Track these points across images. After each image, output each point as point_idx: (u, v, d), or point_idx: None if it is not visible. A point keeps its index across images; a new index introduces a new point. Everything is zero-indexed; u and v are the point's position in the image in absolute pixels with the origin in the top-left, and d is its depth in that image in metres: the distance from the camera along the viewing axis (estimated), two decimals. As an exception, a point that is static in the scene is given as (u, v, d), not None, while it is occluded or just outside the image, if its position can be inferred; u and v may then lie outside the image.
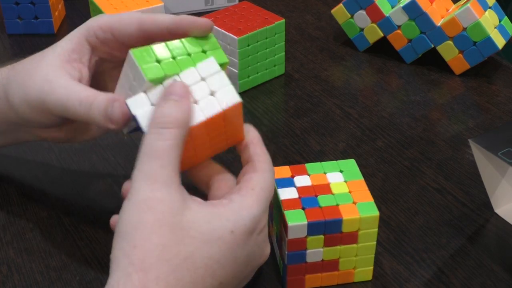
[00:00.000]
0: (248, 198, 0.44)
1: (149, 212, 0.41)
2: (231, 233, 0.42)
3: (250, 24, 0.74)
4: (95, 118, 0.49)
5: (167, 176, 0.42)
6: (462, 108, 0.73)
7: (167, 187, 0.42)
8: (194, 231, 0.41)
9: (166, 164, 0.42)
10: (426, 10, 0.77)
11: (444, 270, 0.53)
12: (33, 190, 0.61)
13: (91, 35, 0.52)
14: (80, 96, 0.49)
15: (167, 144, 0.43)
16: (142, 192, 0.41)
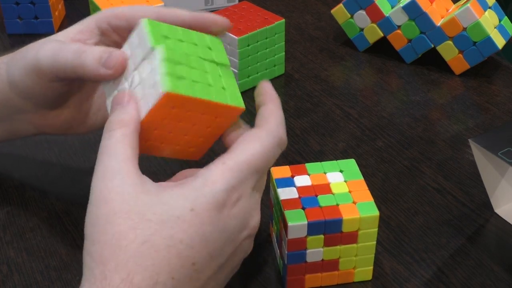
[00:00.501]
0: (214, 172, 0.42)
1: (103, 204, 0.41)
2: (191, 211, 0.41)
3: (250, 24, 0.74)
4: (87, 63, 0.47)
5: (116, 165, 0.42)
6: (462, 108, 0.73)
7: (118, 175, 0.41)
8: (150, 214, 0.40)
9: (115, 156, 0.42)
10: (426, 10, 0.77)
11: (444, 270, 0.53)
12: (33, 190, 0.61)
13: (103, 21, 0.52)
14: (73, 47, 0.49)
15: (113, 140, 0.43)
16: (95, 188, 0.42)
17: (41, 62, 0.50)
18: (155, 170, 0.63)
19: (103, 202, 0.41)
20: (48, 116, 0.55)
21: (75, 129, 0.57)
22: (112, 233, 0.40)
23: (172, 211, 0.41)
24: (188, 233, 0.40)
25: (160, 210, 0.40)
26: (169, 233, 0.40)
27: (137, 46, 0.46)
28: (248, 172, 0.43)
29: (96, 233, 0.40)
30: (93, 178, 0.43)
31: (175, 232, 0.40)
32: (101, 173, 0.42)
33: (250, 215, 0.44)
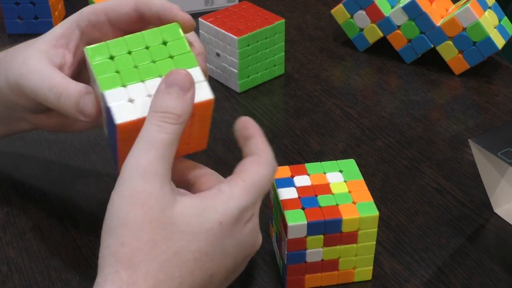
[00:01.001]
0: (237, 188, 0.43)
1: (139, 207, 0.40)
2: (219, 224, 0.42)
3: (250, 24, 0.74)
4: (65, 108, 0.48)
5: (161, 169, 0.41)
6: (461, 108, 0.73)
7: (158, 180, 0.41)
8: (184, 225, 0.41)
9: (162, 157, 0.42)
10: (425, 10, 0.77)
11: (443, 270, 0.53)
12: (33, 190, 0.61)
13: (83, 20, 0.52)
14: (51, 83, 0.49)
15: (167, 137, 0.42)
16: (132, 183, 0.41)
17: (24, 91, 0.50)
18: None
19: (137, 204, 0.40)
20: (38, 118, 0.55)
21: (69, 128, 0.56)
22: (146, 240, 0.40)
23: (204, 223, 0.41)
24: (213, 245, 0.42)
25: (194, 223, 0.41)
26: (199, 245, 0.41)
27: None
28: (260, 192, 0.45)
29: (126, 236, 0.40)
30: (129, 164, 0.41)
31: (203, 245, 0.41)
32: (141, 167, 0.41)
33: (256, 234, 0.46)
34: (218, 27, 0.73)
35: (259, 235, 0.46)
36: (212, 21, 0.74)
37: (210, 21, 0.75)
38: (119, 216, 0.40)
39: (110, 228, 0.41)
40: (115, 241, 0.40)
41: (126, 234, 0.40)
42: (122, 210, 0.40)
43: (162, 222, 0.40)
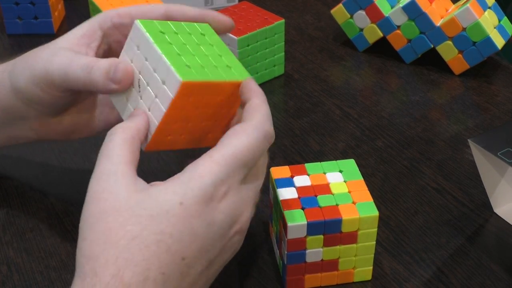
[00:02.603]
0: (201, 166, 0.42)
1: (95, 203, 0.41)
2: (180, 205, 0.41)
3: (249, 24, 0.74)
4: (96, 80, 0.48)
5: (112, 167, 0.43)
6: (461, 108, 0.73)
7: (112, 176, 0.42)
8: (140, 209, 0.41)
9: (111, 158, 0.43)
10: (425, 10, 0.77)
11: (443, 270, 0.53)
12: (33, 190, 0.61)
13: (106, 21, 0.52)
14: (82, 61, 0.49)
15: (112, 143, 0.44)
16: (90, 187, 0.43)
17: (52, 76, 0.51)
18: (154, 170, 0.64)
19: (96, 201, 0.42)
20: (50, 122, 0.55)
21: (76, 134, 0.57)
22: (102, 230, 0.40)
23: (161, 205, 0.41)
24: (177, 227, 0.41)
25: (150, 205, 0.41)
26: (159, 227, 0.40)
27: (136, 49, 0.47)
28: (235, 165, 0.43)
29: (86, 230, 0.41)
30: (90, 179, 0.44)
31: (164, 227, 0.40)
32: (97, 174, 0.43)
33: (239, 210, 0.44)
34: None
35: (242, 212, 0.44)
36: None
37: (210, 21, 0.75)
38: (83, 217, 0.42)
39: (79, 231, 0.42)
40: (80, 239, 0.41)
41: (86, 228, 0.41)
42: (84, 211, 0.42)
43: (117, 210, 0.41)
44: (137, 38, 0.46)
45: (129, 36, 0.47)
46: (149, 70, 0.45)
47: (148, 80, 0.46)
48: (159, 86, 0.45)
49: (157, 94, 0.45)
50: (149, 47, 0.45)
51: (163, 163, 0.64)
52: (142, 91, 0.46)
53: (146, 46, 0.46)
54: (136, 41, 0.47)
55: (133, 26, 0.47)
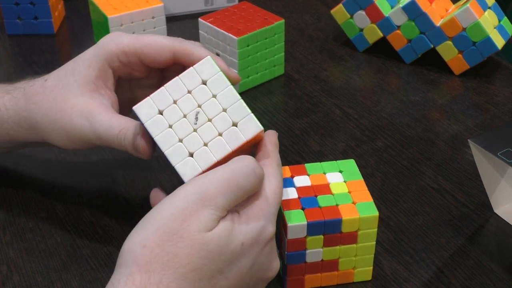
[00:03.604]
0: (253, 208, 0.44)
1: (179, 221, 0.41)
2: (241, 245, 0.43)
3: (249, 25, 0.74)
4: (128, 149, 0.50)
5: (222, 203, 0.42)
6: (461, 108, 0.73)
7: (213, 209, 0.42)
8: (214, 245, 0.41)
9: (230, 197, 0.43)
10: (425, 10, 0.77)
11: (443, 270, 0.53)
12: (33, 190, 0.61)
13: (114, 60, 0.53)
14: (115, 131, 0.50)
15: (245, 184, 0.44)
16: (188, 201, 0.42)
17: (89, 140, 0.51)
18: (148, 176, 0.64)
19: (180, 221, 0.41)
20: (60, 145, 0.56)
21: None
22: (169, 251, 0.40)
23: (230, 244, 0.42)
24: (230, 265, 0.42)
25: (223, 243, 0.42)
26: (219, 266, 0.42)
27: (201, 82, 0.47)
28: (275, 205, 0.45)
29: (152, 241, 0.40)
30: (200, 186, 0.43)
31: (222, 266, 0.42)
32: (207, 196, 0.42)
33: (274, 256, 0.46)
34: (217, 27, 0.73)
35: (276, 260, 0.46)
36: (212, 22, 0.74)
37: (209, 22, 0.75)
38: (157, 220, 0.41)
39: (142, 227, 0.42)
40: (138, 240, 0.41)
41: (153, 239, 0.40)
42: (163, 217, 0.41)
43: (192, 240, 0.41)
44: (206, 73, 0.47)
45: (194, 67, 0.47)
46: (216, 107, 0.46)
47: (212, 116, 0.46)
48: (227, 126, 0.46)
49: (222, 132, 0.46)
50: (222, 86, 0.46)
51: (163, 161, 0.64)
52: (199, 124, 0.46)
53: (217, 83, 0.47)
54: (204, 75, 0.47)
55: (203, 60, 0.47)
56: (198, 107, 0.47)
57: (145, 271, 0.39)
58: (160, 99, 0.46)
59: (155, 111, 0.46)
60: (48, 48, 0.85)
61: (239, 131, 0.46)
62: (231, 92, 0.47)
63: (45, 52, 0.84)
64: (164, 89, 0.47)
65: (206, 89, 0.47)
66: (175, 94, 0.47)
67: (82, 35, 0.88)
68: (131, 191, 0.61)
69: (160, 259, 0.40)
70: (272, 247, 0.45)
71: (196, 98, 0.47)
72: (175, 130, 0.46)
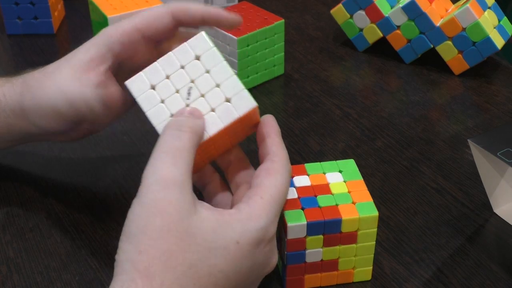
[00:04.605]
0: (256, 208, 0.43)
1: (158, 215, 0.40)
2: (236, 244, 0.42)
3: (249, 24, 0.74)
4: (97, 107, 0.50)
5: (179, 176, 0.42)
6: (461, 108, 0.73)
7: (178, 188, 0.41)
8: (201, 239, 0.41)
9: (180, 164, 0.42)
10: (425, 10, 0.77)
11: (443, 270, 0.53)
12: (33, 190, 0.61)
13: (114, 43, 0.52)
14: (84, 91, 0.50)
15: (183, 144, 0.43)
16: (152, 191, 0.41)
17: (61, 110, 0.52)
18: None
19: (157, 212, 0.40)
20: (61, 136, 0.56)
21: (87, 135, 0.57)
22: (163, 250, 0.40)
23: (220, 241, 0.42)
24: (228, 264, 0.42)
25: (210, 238, 0.41)
26: (213, 261, 0.41)
27: (194, 57, 0.46)
28: (279, 206, 0.45)
29: (144, 243, 0.40)
30: (148, 173, 0.42)
31: (218, 262, 0.41)
32: (161, 178, 0.41)
33: (272, 254, 0.46)
34: (217, 27, 0.73)
35: (274, 256, 0.46)
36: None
37: (209, 21, 0.75)
38: (139, 223, 0.41)
39: (129, 234, 0.41)
40: (133, 248, 0.40)
41: (144, 242, 0.40)
42: (142, 218, 0.41)
43: (180, 232, 0.40)
44: (199, 48, 0.46)
45: (188, 43, 0.47)
46: (209, 82, 0.46)
47: (205, 92, 0.46)
48: (220, 101, 0.45)
49: (215, 108, 0.45)
50: (216, 61, 0.46)
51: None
52: (192, 100, 0.46)
53: (211, 59, 0.46)
54: (198, 51, 0.46)
55: (197, 35, 0.46)
56: (191, 82, 0.46)
57: (145, 275, 0.39)
58: (153, 74, 0.46)
59: (147, 86, 0.46)
60: (48, 48, 0.85)
61: (232, 106, 0.45)
62: (224, 67, 0.46)
63: (45, 52, 0.84)
64: (156, 64, 0.46)
65: (199, 64, 0.46)
66: (168, 69, 0.46)
67: (82, 35, 0.88)
68: (131, 191, 0.61)
69: (158, 260, 0.40)
70: (271, 245, 0.45)
71: (189, 73, 0.46)
72: (167, 105, 0.46)
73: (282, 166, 0.46)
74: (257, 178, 0.46)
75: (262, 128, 0.48)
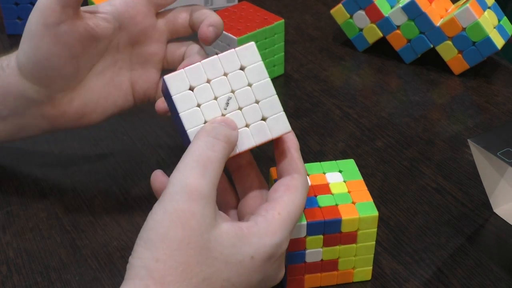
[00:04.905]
0: (273, 224, 0.43)
1: (180, 226, 0.40)
2: (251, 259, 0.42)
3: (249, 24, 0.74)
4: None
5: (206, 188, 0.41)
6: (461, 108, 0.73)
7: (204, 201, 0.41)
8: (218, 252, 0.41)
9: (209, 176, 0.41)
10: (425, 10, 0.77)
11: (443, 270, 0.53)
12: (33, 190, 0.61)
13: None
14: None
15: (215, 155, 0.42)
16: (177, 201, 0.41)
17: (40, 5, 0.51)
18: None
19: (181, 225, 0.40)
20: (61, 103, 0.54)
21: (86, 119, 0.56)
22: (181, 262, 0.40)
23: (237, 255, 0.42)
24: (241, 278, 0.42)
25: (228, 252, 0.41)
26: (228, 275, 0.41)
27: (239, 67, 0.45)
28: (294, 223, 0.45)
29: (162, 253, 0.40)
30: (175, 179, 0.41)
31: (232, 276, 0.41)
32: (188, 187, 0.41)
33: (280, 269, 0.46)
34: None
35: (282, 269, 0.46)
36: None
37: (209, 21, 0.75)
38: (159, 231, 0.40)
39: (147, 240, 0.40)
40: (150, 255, 0.40)
41: (163, 251, 0.40)
42: (163, 226, 0.40)
43: (199, 245, 0.40)
44: (247, 59, 0.45)
45: (236, 50, 0.45)
46: (249, 97, 0.45)
47: (243, 105, 0.45)
48: (256, 118, 0.45)
49: (249, 124, 0.45)
50: (261, 76, 0.45)
51: (161, 160, 0.64)
52: (229, 110, 0.45)
53: (256, 73, 0.45)
54: (244, 61, 0.45)
55: (247, 45, 0.45)
56: (231, 92, 0.44)
57: (161, 284, 0.39)
58: (194, 75, 0.44)
59: (186, 86, 0.44)
60: (48, 48, 0.85)
61: (267, 127, 0.45)
62: (268, 84, 0.45)
63: (45, 52, 0.84)
64: (200, 65, 0.44)
65: (243, 75, 0.45)
66: (210, 73, 0.44)
67: (82, 35, 0.88)
68: (131, 191, 0.61)
69: (174, 271, 0.40)
70: (281, 260, 0.45)
71: (231, 82, 0.45)
72: (202, 111, 0.44)
73: (302, 184, 0.46)
74: (275, 193, 0.45)
75: (283, 143, 0.47)
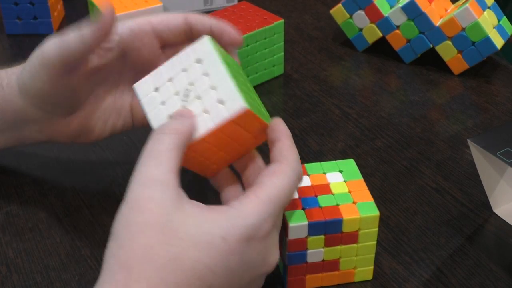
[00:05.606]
0: (248, 206, 0.43)
1: (138, 211, 0.41)
2: (222, 240, 0.42)
3: (249, 24, 0.74)
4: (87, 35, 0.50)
5: (161, 175, 0.42)
6: (461, 108, 0.73)
7: (159, 186, 0.42)
8: (183, 233, 0.41)
9: (162, 164, 0.42)
10: (425, 10, 0.77)
11: (443, 270, 0.53)
12: (32, 190, 0.61)
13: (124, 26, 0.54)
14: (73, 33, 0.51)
15: (165, 147, 0.43)
16: (134, 191, 0.42)
17: (45, 54, 0.51)
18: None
19: (139, 210, 0.41)
20: (58, 124, 0.56)
21: (83, 138, 0.57)
22: (143, 243, 0.40)
23: (204, 235, 0.41)
24: (214, 259, 0.41)
25: (193, 232, 0.41)
26: (197, 255, 0.41)
27: (195, 61, 0.47)
28: (277, 206, 0.44)
29: (126, 239, 0.40)
30: (133, 179, 0.43)
31: (202, 256, 0.41)
32: (143, 178, 0.42)
33: (270, 252, 0.45)
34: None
35: (273, 254, 0.45)
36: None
37: (209, 21, 0.75)
38: (121, 221, 0.41)
39: (113, 232, 0.42)
40: (115, 244, 0.41)
41: (124, 236, 0.41)
42: (124, 216, 0.41)
43: (161, 227, 0.40)
44: (201, 52, 0.47)
45: (191, 47, 0.47)
46: (205, 85, 0.46)
47: (201, 94, 0.46)
48: (213, 103, 0.45)
49: (208, 110, 0.45)
50: (214, 65, 0.46)
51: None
52: (189, 101, 0.46)
53: (210, 62, 0.46)
54: (199, 54, 0.47)
55: (200, 39, 0.47)
56: (191, 85, 0.47)
57: (125, 268, 0.39)
58: (157, 77, 0.47)
59: (151, 89, 0.47)
60: (47, 48, 0.85)
61: (224, 108, 0.45)
62: (222, 71, 0.46)
63: (44, 52, 0.84)
64: (161, 67, 0.48)
65: (198, 67, 0.47)
66: (170, 72, 0.47)
67: (81, 35, 0.88)
68: (130, 191, 0.61)
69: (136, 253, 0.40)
70: (266, 243, 0.44)
71: (189, 76, 0.47)
72: (166, 107, 0.47)
73: (290, 169, 0.46)
74: (259, 178, 0.45)
75: (272, 132, 0.48)
